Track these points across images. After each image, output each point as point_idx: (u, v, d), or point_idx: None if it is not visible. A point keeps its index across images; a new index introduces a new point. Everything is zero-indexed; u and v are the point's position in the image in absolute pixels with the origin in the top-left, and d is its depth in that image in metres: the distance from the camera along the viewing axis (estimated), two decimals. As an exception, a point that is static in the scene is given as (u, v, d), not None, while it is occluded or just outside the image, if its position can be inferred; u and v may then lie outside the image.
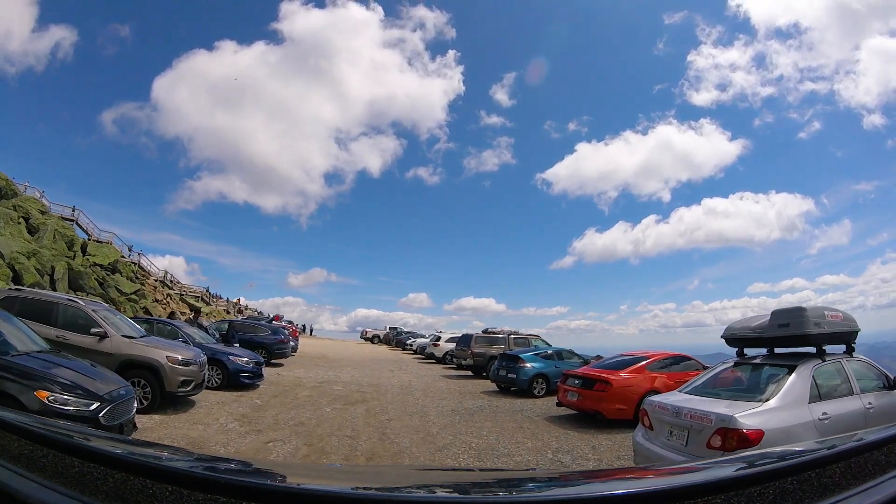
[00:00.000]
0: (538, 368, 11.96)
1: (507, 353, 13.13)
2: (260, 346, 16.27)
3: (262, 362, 11.62)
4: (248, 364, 10.83)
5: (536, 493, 1.04)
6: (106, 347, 7.92)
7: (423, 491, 1.04)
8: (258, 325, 17.59)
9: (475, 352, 16.27)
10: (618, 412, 8.09)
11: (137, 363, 7.95)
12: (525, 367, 11.84)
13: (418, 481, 1.39)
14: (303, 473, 1.54)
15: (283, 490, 0.84)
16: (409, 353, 29.18)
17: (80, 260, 24.97)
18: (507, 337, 17.00)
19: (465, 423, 8.29)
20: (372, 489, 1.06)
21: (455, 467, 4.61)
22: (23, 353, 5.33)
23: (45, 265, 21.74)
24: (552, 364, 12.29)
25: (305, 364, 18.30)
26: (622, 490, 0.79)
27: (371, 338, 43.01)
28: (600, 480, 1.21)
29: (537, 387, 11.79)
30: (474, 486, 1.18)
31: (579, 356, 13.19)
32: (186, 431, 6.82)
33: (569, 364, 12.36)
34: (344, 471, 2.00)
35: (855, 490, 0.82)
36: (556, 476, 1.89)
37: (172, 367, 7.97)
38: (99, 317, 8.12)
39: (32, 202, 28.37)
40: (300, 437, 6.79)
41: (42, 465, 0.83)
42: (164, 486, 0.74)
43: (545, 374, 11.91)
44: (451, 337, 23.08)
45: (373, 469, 3.90)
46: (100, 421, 4.93)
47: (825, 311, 5.20)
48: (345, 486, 1.06)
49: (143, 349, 8.11)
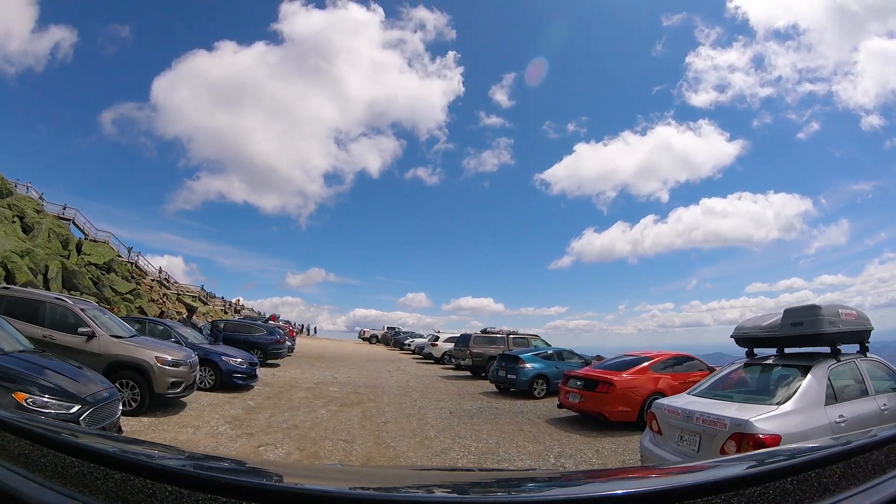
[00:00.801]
0: (538, 369, 11.72)
1: (507, 354, 12.87)
2: (255, 347, 16.02)
3: (257, 363, 11.38)
4: (241, 365, 10.59)
5: (536, 494, 1.04)
6: (94, 347, 7.69)
7: (422, 491, 1.03)
8: (254, 325, 17.32)
9: (474, 352, 16.02)
10: (621, 414, 7.87)
11: (126, 364, 7.71)
12: (525, 368, 11.60)
13: (417, 481, 1.37)
14: (302, 473, 1.52)
15: (283, 490, 0.83)
16: (406, 353, 28.93)
17: (74, 259, 24.70)
18: (507, 337, 16.76)
19: (464, 426, 8.06)
20: (371, 489, 1.06)
21: (454, 467, 4.57)
22: (4, 353, 5.10)
23: (39, 264, 21.47)
24: (552, 365, 12.06)
25: (302, 364, 18.06)
26: (622, 490, 0.78)
27: (369, 338, 42.71)
28: (600, 480, 1.20)
29: (537, 388, 11.56)
30: (473, 486, 1.17)
31: (580, 356, 12.98)
32: (175, 434, 6.58)
33: (569, 365, 12.14)
34: (343, 471, 1.99)
35: (855, 490, 0.81)
36: (556, 476, 1.86)
37: (161, 367, 7.73)
38: (87, 316, 7.88)
39: (27, 201, 28.10)
40: (293, 441, 6.55)
41: (42, 465, 0.83)
42: (164, 486, 0.73)
43: (545, 374, 11.68)
44: (450, 337, 22.85)
45: (372, 469, 3.87)
46: (80, 424, 4.70)
47: (840, 308, 4.99)
48: (344, 486, 1.07)
49: (132, 349, 7.87)
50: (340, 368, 17.40)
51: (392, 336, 36.87)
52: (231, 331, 16.44)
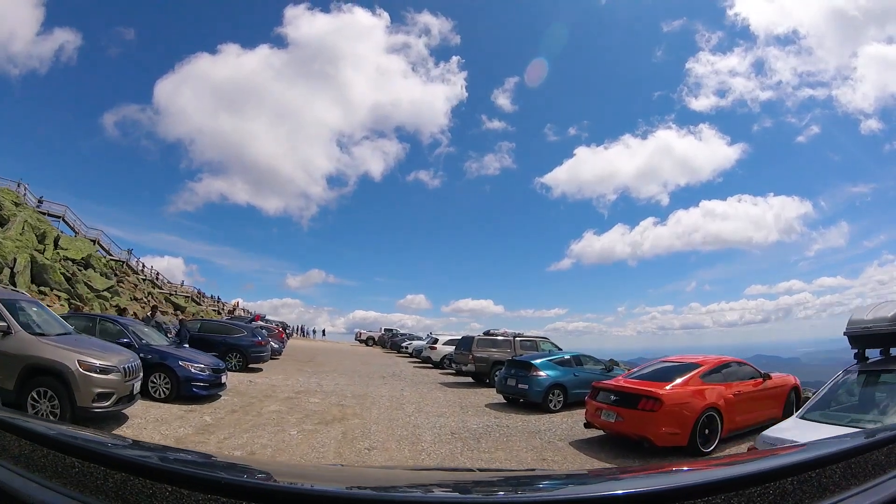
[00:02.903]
0: (554, 377, 9.99)
1: (517, 360, 11.03)
2: (234, 350, 14.39)
3: (223, 368, 9.68)
4: (202, 371, 8.91)
5: (536, 493, 1.03)
6: (8, 347, 6.08)
7: (422, 491, 1.02)
8: (234, 325, 15.54)
9: (477, 356, 14.26)
10: (670, 437, 6.19)
11: (43, 368, 6.09)
12: (539, 377, 9.87)
13: (417, 481, 1.33)
14: (303, 473, 1.44)
15: (283, 490, 0.83)
16: (404, 356, 27.22)
17: (49, 253, 23.06)
18: (513, 340, 15.05)
19: (471, 453, 6.37)
20: (371, 489, 1.04)
21: (454, 467, 4.36)
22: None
23: (7, 256, 19.83)
24: (570, 372, 10.34)
25: (288, 369, 16.39)
26: (622, 490, 0.78)
27: (365, 340, 40.97)
28: (600, 480, 1.18)
29: (553, 399, 9.86)
30: (473, 486, 1.15)
31: (598, 361, 11.28)
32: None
33: (589, 372, 10.46)
34: (344, 471, 1.91)
35: (855, 490, 0.81)
36: (556, 476, 1.70)
37: (85, 374, 6.08)
38: (3, 307, 6.24)
39: (6, 193, 26.55)
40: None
41: (42, 465, 0.83)
42: (164, 486, 0.73)
43: (562, 383, 9.97)
44: (450, 339, 21.09)
45: (372, 469, 3.59)
46: None
47: None
48: (345, 486, 1.06)
49: (52, 350, 6.21)
50: (329, 374, 15.70)
51: (389, 338, 35.04)
52: (208, 331, 14.78)
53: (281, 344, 20.41)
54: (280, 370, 15.74)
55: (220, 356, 14.48)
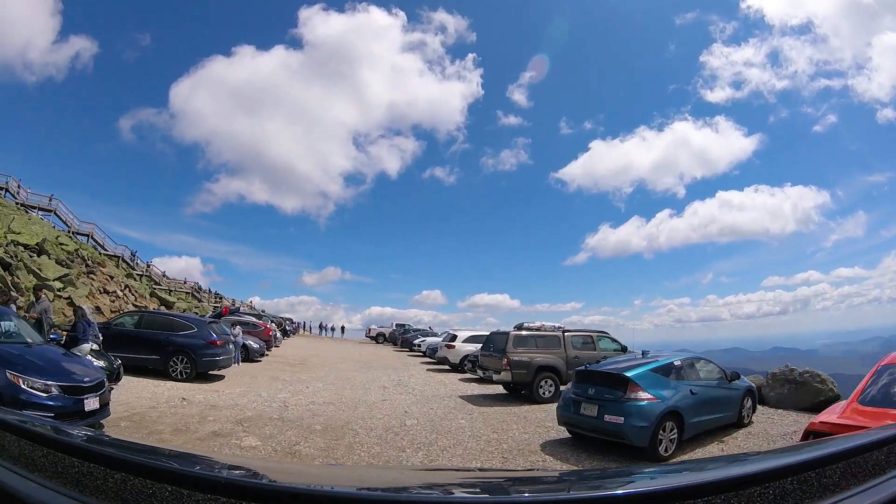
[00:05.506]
0: (666, 401, 5.77)
1: (600, 371, 6.28)
2: (180, 352, 10.54)
3: (100, 381, 5.72)
4: (43, 392, 5.01)
5: (537, 494, 1.00)
6: None
7: (423, 491, 0.99)
8: (181, 320, 11.51)
9: (514, 360, 9.99)
10: None
11: None
12: (641, 403, 5.60)
13: (420, 481, 1.30)
14: (304, 474, 1.44)
15: (284, 490, 0.80)
16: (416, 356, 23.22)
17: (-6, 236, 19.70)
18: (563, 336, 10.83)
19: None
20: (366, 489, 1.02)
21: (458, 467, 4.32)
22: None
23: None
24: (685, 388, 6.13)
25: (261, 376, 12.55)
26: (622, 490, 0.78)
27: (376, 336, 37.03)
28: (601, 480, 1.16)
29: (663, 438, 5.68)
30: (477, 487, 1.16)
31: (723, 371, 7.02)
32: None
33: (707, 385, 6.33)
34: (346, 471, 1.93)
35: (855, 490, 0.79)
36: (557, 476, 1.73)
37: None
38: None
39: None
40: None
41: (42, 465, 0.82)
42: (164, 486, 0.72)
43: (678, 410, 5.78)
44: (471, 335, 16.95)
45: (375, 469, 3.48)
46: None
47: None
48: (347, 486, 1.06)
49: None
50: (311, 384, 11.72)
51: (400, 335, 31.00)
52: (148, 327, 10.92)
53: (262, 344, 16.55)
54: (248, 378, 11.87)
55: (163, 361, 10.84)
